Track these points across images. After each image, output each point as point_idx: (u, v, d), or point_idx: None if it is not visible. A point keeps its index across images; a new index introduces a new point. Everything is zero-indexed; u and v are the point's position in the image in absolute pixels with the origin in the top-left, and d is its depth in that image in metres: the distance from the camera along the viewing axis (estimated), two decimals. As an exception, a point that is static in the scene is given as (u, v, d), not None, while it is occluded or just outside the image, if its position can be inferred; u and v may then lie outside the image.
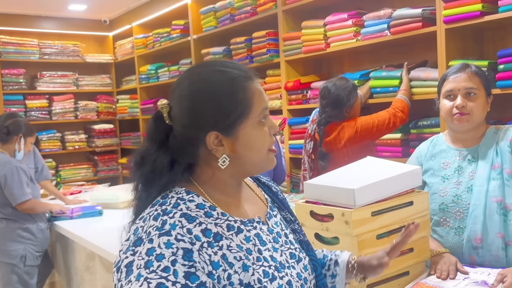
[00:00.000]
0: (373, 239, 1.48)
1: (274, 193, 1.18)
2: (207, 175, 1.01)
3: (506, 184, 1.69)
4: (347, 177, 1.59)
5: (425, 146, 1.95)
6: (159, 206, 0.94)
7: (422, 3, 2.95)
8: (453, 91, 1.78)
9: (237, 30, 4.19)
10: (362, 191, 1.45)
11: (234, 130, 0.97)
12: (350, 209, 1.43)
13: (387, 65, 3.21)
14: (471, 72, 1.78)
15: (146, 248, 0.85)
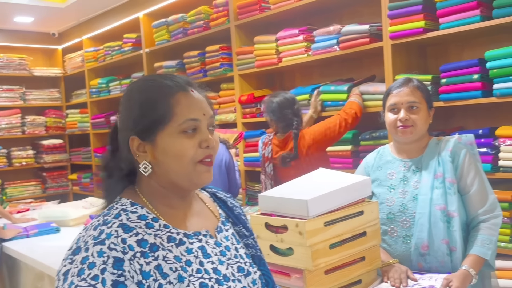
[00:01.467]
0: (326, 248, 1.51)
1: (230, 208, 1.19)
2: (147, 184, 1.03)
3: (448, 193, 1.77)
4: (300, 189, 1.62)
5: (372, 157, 2.02)
6: (102, 216, 0.97)
7: (369, 20, 3.08)
8: (397, 105, 1.85)
9: (190, 44, 4.20)
10: (315, 202, 1.48)
11: (153, 136, 0.98)
12: (303, 220, 1.46)
13: (336, 79, 3.31)
14: (413, 86, 1.86)
15: (81, 256, 0.88)
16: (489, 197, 1.80)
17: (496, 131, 2.43)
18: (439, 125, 2.75)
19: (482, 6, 2.40)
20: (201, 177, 1.01)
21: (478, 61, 2.45)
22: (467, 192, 1.79)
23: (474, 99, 2.46)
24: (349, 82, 3.10)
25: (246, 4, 3.62)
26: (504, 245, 2.40)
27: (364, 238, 1.65)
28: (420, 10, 2.59)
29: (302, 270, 1.48)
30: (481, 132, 2.48)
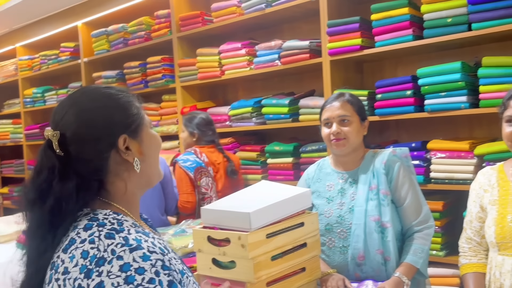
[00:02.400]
0: (268, 260, 1.53)
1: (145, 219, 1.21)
2: (120, 190, 1.01)
3: (382, 204, 1.84)
4: (242, 201, 1.63)
5: (313, 169, 2.07)
6: (100, 227, 0.92)
7: (309, 36, 3.17)
8: (329, 119, 1.92)
9: (131, 54, 4.13)
10: (257, 214, 1.50)
11: (139, 132, 1.04)
12: (246, 232, 1.47)
13: (278, 93, 3.37)
14: (344, 100, 1.93)
15: (117, 265, 0.84)
16: (423, 209, 1.89)
17: (428, 144, 2.57)
18: (375, 138, 2.87)
19: (414, 26, 2.54)
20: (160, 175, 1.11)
21: (411, 78, 2.58)
22: (402, 204, 1.87)
23: (407, 114, 2.59)
24: (290, 96, 3.17)
25: (188, 17, 3.62)
26: (435, 253, 2.53)
27: (305, 249, 1.68)
28: (357, 28, 2.70)
29: (244, 282, 1.48)
30: (414, 145, 2.61)
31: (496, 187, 1.71)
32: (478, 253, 1.77)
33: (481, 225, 1.75)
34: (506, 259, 1.61)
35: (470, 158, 2.40)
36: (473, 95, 2.41)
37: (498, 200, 1.68)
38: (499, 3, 2.24)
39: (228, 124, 3.45)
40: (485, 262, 1.75)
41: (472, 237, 1.78)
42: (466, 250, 1.80)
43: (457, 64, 2.39)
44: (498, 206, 1.67)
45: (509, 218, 1.61)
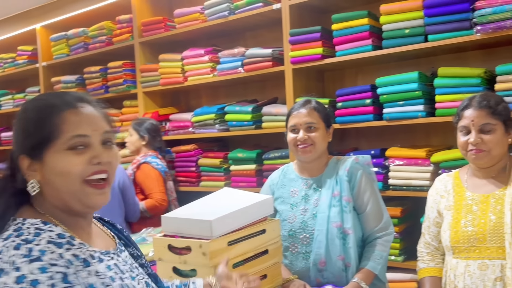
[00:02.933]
0: (229, 268, 1.52)
1: (119, 231, 1.20)
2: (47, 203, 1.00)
3: (344, 211, 1.87)
4: (204, 209, 1.63)
5: (277, 175, 2.09)
6: (15, 237, 0.90)
7: (272, 44, 3.20)
8: (296, 126, 1.94)
9: (92, 59, 4.05)
10: (219, 222, 1.49)
11: (40, 154, 0.97)
12: (207, 240, 1.46)
13: (241, 100, 3.38)
14: (311, 108, 1.96)
15: (13, 276, 0.83)
16: (383, 216, 1.93)
17: (386, 152, 2.63)
18: (335, 145, 2.91)
19: (373, 36, 2.61)
20: (91, 199, 0.99)
21: (370, 87, 2.64)
22: (363, 210, 1.91)
23: (367, 122, 2.64)
24: (253, 103, 3.18)
25: (151, 22, 3.59)
26: (394, 258, 2.59)
27: (266, 256, 1.69)
28: (318, 38, 2.75)
29: (205, 291, 1.48)
30: (373, 153, 2.67)
31: (451, 193, 1.78)
32: (435, 257, 1.83)
33: (438, 230, 1.80)
34: (460, 262, 1.67)
35: (427, 165, 2.47)
36: (429, 104, 2.49)
37: (453, 205, 1.74)
38: (454, 16, 2.33)
39: (191, 130, 3.43)
40: (441, 267, 1.81)
41: (430, 242, 1.83)
42: (425, 255, 1.86)
43: (414, 74, 2.47)
44: (453, 212, 1.73)
45: (463, 222, 1.68)
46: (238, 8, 3.11)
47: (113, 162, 1.02)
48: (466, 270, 1.64)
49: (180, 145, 3.52)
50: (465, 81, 2.33)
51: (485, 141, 1.64)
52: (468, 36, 2.30)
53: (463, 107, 1.72)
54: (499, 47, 2.52)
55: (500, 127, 1.65)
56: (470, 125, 1.66)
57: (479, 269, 1.61)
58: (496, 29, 2.20)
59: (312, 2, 2.83)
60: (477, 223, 1.64)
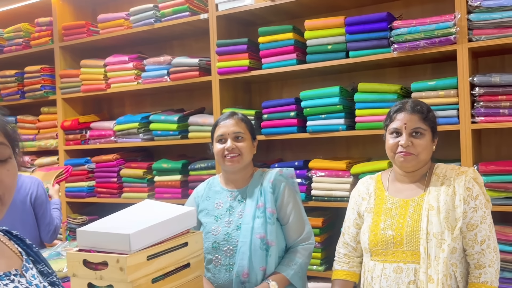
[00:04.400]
0: (148, 283, 1.47)
1: (28, 246, 1.10)
2: None
3: (268, 222, 1.89)
4: (122, 222, 1.56)
5: (202, 188, 2.07)
6: None
7: (199, 53, 3.18)
8: (224, 135, 1.94)
9: (6, 62, 3.82)
10: (138, 236, 1.44)
11: None
12: (125, 254, 1.41)
13: (167, 109, 3.32)
14: (238, 118, 1.98)
15: None
16: (305, 227, 1.97)
17: (309, 163, 2.69)
18: (261, 156, 2.94)
19: (298, 51, 2.67)
20: None
21: (295, 100, 2.70)
22: (286, 222, 1.93)
23: (291, 134, 2.69)
24: (179, 113, 3.14)
25: (72, 26, 3.45)
26: (316, 268, 2.64)
27: (188, 270, 1.65)
28: (245, 50, 2.77)
29: (122, 307, 1.42)
30: (296, 164, 2.72)
31: (373, 196, 1.82)
32: (351, 260, 1.87)
33: (357, 231, 1.84)
34: (377, 264, 1.71)
35: (347, 176, 2.55)
36: (350, 117, 2.58)
37: (373, 208, 1.79)
38: (373, 34, 2.44)
39: (113, 139, 3.32)
40: (355, 271, 1.86)
41: (348, 242, 1.87)
42: (341, 256, 1.89)
43: (336, 89, 2.55)
44: (373, 214, 1.77)
45: (382, 226, 1.72)
46: (164, 16, 3.06)
47: (6, 180, 0.91)
48: (383, 272, 1.69)
49: (101, 155, 3.39)
50: (383, 97, 2.45)
51: (415, 144, 1.68)
52: (386, 53, 2.41)
53: (396, 110, 1.75)
54: (414, 65, 2.68)
55: (429, 133, 1.71)
56: (402, 128, 1.70)
57: (394, 272, 1.66)
58: (411, 48, 2.33)
59: (240, 14, 2.85)
60: (395, 227, 1.69)
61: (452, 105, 2.29)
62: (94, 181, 3.39)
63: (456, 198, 1.65)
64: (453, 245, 1.61)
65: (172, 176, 3.08)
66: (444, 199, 1.65)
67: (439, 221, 1.63)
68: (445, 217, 1.63)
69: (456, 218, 1.64)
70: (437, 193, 1.68)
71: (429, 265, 1.62)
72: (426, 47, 2.31)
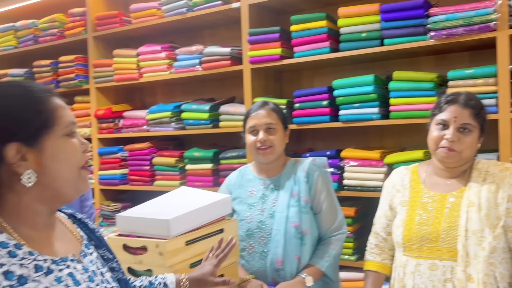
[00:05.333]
0: (186, 268, 1.50)
1: (91, 230, 1.12)
2: (11, 203, 0.90)
3: (302, 211, 1.89)
4: (161, 208, 1.59)
5: (234, 176, 2.08)
6: None
7: (229, 43, 3.18)
8: (256, 127, 1.95)
9: (42, 52, 3.90)
10: (177, 221, 1.46)
11: (38, 140, 0.90)
12: (164, 240, 1.43)
13: (198, 98, 3.34)
14: (269, 109, 1.97)
15: None
16: (338, 216, 1.97)
17: (342, 153, 2.67)
18: (292, 146, 2.93)
19: (331, 39, 2.64)
20: (85, 184, 0.97)
21: (327, 89, 2.67)
22: (319, 211, 1.94)
23: (323, 123, 2.67)
24: (210, 102, 3.15)
25: (105, 16, 3.49)
26: (347, 257, 2.63)
27: (224, 256, 1.67)
28: (277, 38, 2.76)
29: (161, 291, 1.44)
30: (329, 154, 2.70)
31: (408, 188, 1.76)
32: (382, 251, 1.84)
33: (387, 222, 1.81)
34: (410, 260, 1.67)
35: (381, 166, 2.52)
36: (384, 107, 2.55)
37: (408, 201, 1.73)
38: (409, 21, 2.39)
39: (145, 128, 3.36)
40: (387, 263, 1.82)
41: (379, 232, 1.84)
42: (373, 247, 1.86)
43: (370, 77, 2.52)
44: (408, 208, 1.72)
45: (417, 219, 1.67)
46: (196, 5, 3.07)
47: None
48: (416, 269, 1.64)
49: (133, 143, 3.44)
50: (419, 85, 2.40)
51: (461, 141, 1.60)
52: (422, 41, 2.37)
53: (448, 101, 1.66)
54: (450, 53, 2.62)
55: (477, 131, 1.63)
56: (451, 121, 1.62)
57: (429, 269, 1.61)
58: (448, 35, 2.28)
59: (271, 2, 2.83)
60: (431, 223, 1.64)
61: (490, 93, 2.23)
62: (127, 169, 3.44)
63: (499, 195, 1.58)
64: (494, 244, 1.54)
65: (203, 165, 3.11)
66: (485, 195, 1.58)
67: (479, 218, 1.56)
68: (486, 215, 1.56)
69: (498, 216, 1.56)
70: (478, 189, 1.61)
71: (468, 264, 1.56)
72: (464, 35, 2.25)
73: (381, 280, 1.83)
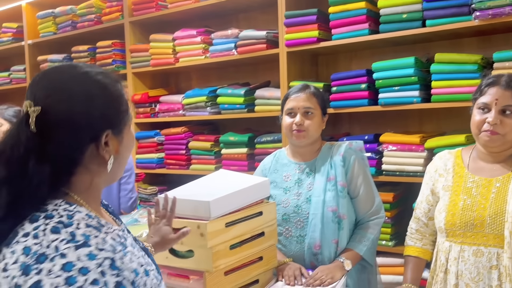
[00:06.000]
0: (226, 250, 1.51)
1: (111, 212, 1.15)
2: (85, 183, 0.94)
3: (339, 195, 1.87)
4: (201, 190, 1.61)
5: (269, 160, 2.08)
6: (47, 219, 0.84)
7: (265, 26, 3.15)
8: (294, 109, 1.92)
9: (80, 37, 3.96)
10: (217, 203, 1.47)
11: (122, 130, 0.97)
12: (205, 221, 1.44)
13: (233, 83, 3.34)
14: (310, 93, 1.95)
15: (59, 263, 0.77)
16: (375, 200, 1.95)
17: (380, 137, 2.62)
18: (328, 130, 2.90)
19: (370, 20, 2.58)
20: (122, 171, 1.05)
21: (366, 72, 2.62)
22: (356, 195, 1.92)
23: (362, 107, 2.63)
24: (245, 87, 3.15)
25: (141, 1, 3.51)
26: (385, 243, 2.60)
27: (262, 238, 1.68)
28: (314, 20, 2.71)
29: (202, 272, 1.47)
30: (366, 138, 2.66)
31: (451, 173, 1.72)
32: (424, 237, 1.80)
33: (429, 207, 1.77)
34: (454, 246, 1.63)
35: (421, 151, 2.47)
36: (424, 90, 2.48)
37: (451, 186, 1.69)
38: (452, 1, 2.31)
39: (181, 113, 3.38)
40: (428, 249, 1.80)
41: (420, 217, 1.81)
42: (414, 232, 1.83)
43: (411, 60, 2.45)
44: (451, 193, 1.68)
45: (461, 205, 1.63)
46: (232, -12, 3.05)
47: None
48: (460, 255, 1.61)
49: (170, 128, 3.48)
50: (462, 67, 2.33)
51: (504, 124, 1.55)
52: (466, 22, 2.28)
53: (489, 83, 1.61)
54: (495, 34, 2.52)
55: None
56: (492, 104, 1.57)
57: (474, 256, 1.58)
58: (494, 15, 2.19)
59: (308, -16, 2.79)
60: (476, 208, 1.60)
61: (539, 75, 2.14)
62: (163, 153, 3.48)
63: None
64: None
65: (238, 149, 3.12)
66: None
67: None
68: None
69: None
70: None
71: None
72: None
73: (422, 266, 1.80)
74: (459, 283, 1.61)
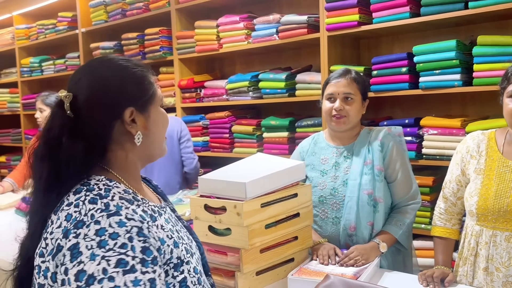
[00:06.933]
0: (262, 229, 1.59)
1: (155, 187, 1.26)
2: (120, 159, 1.06)
3: (376, 179, 1.90)
4: (238, 172, 1.69)
5: (307, 143, 2.12)
6: (88, 191, 0.96)
7: (306, 10, 3.17)
8: (334, 95, 1.96)
9: (129, 25, 4.12)
10: (253, 184, 1.55)
11: (147, 108, 1.08)
12: (241, 201, 1.53)
13: (275, 67, 3.39)
14: (351, 78, 1.97)
15: (94, 229, 0.89)
16: (412, 186, 1.97)
17: (421, 121, 2.61)
18: (369, 114, 2.91)
19: (411, 3, 2.56)
20: (165, 150, 1.16)
21: (407, 55, 2.61)
22: (393, 180, 1.94)
23: (402, 90, 2.62)
24: (287, 71, 3.19)
25: (187, -12, 3.61)
26: (424, 226, 2.61)
27: (298, 219, 1.74)
28: (355, 4, 2.71)
29: (238, 249, 1.55)
30: (407, 122, 2.66)
31: (484, 155, 1.69)
32: (452, 217, 1.81)
33: (458, 187, 1.77)
34: (485, 230, 1.63)
35: (462, 135, 2.45)
36: (466, 73, 2.45)
37: (484, 170, 1.67)
38: (496, -18, 2.26)
39: (225, 97, 3.48)
40: (457, 228, 1.80)
41: (448, 197, 1.81)
42: (443, 212, 1.83)
43: (452, 42, 2.42)
44: (483, 176, 1.66)
45: (494, 190, 1.61)
46: (274, -26, 3.08)
47: None
48: (492, 240, 1.60)
49: (214, 112, 3.59)
50: (506, 50, 2.28)
51: None
52: (510, 3, 2.23)
53: None
54: (543, 15, 2.44)
55: None
56: None
57: (506, 241, 1.57)
58: (540, -5, 2.13)
59: (350, -33, 2.78)
60: (510, 194, 1.58)
61: None
62: (208, 136, 3.61)
63: None
64: None
65: (279, 133, 3.18)
66: None
67: None
68: None
69: None
70: None
71: None
72: (560, -6, 2.09)
73: (452, 246, 1.82)
74: (489, 267, 1.62)
